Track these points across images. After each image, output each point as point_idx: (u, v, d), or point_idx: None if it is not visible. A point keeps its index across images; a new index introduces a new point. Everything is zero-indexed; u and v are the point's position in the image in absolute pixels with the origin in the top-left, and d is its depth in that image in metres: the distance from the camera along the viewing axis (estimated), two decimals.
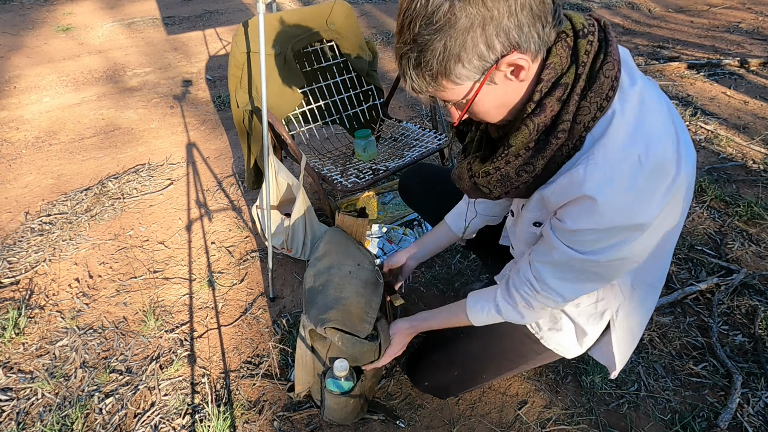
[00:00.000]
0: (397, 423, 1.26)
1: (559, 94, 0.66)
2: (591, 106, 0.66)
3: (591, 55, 0.66)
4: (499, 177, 0.75)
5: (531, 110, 0.68)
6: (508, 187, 0.76)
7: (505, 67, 0.64)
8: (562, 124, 0.67)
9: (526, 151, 0.71)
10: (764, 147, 2.39)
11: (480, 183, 0.79)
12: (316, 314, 1.06)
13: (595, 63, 0.66)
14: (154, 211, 2.07)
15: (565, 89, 0.66)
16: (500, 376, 1.15)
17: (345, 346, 1.05)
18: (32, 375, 1.42)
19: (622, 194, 0.66)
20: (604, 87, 0.66)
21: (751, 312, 1.56)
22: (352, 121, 1.95)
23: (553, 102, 0.66)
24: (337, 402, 1.12)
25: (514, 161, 0.72)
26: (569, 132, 0.67)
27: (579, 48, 0.66)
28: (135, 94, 3.10)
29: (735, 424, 1.26)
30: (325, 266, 1.18)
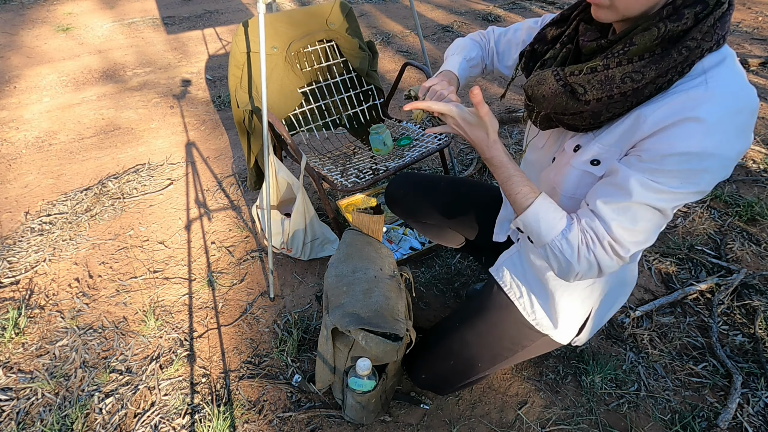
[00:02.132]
0: (420, 406, 1.30)
1: (699, 10, 0.66)
2: (714, 36, 0.67)
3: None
4: (604, 77, 0.71)
5: (667, 14, 0.67)
6: (605, 92, 0.71)
7: None
8: (690, 41, 0.66)
9: (640, 59, 0.69)
10: (764, 147, 2.39)
11: (576, 81, 0.74)
12: (342, 314, 1.07)
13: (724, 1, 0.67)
14: (154, 211, 2.07)
15: (705, 7, 0.66)
16: (496, 365, 1.13)
17: (368, 345, 1.06)
18: (32, 375, 1.42)
19: (731, 122, 0.67)
20: (726, 26, 0.67)
21: (751, 312, 1.56)
22: (352, 121, 1.95)
23: (690, 15, 0.66)
24: (359, 401, 1.13)
25: (625, 65, 0.70)
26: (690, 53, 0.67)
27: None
28: (135, 94, 3.10)
29: (735, 424, 1.26)
30: (348, 269, 1.19)
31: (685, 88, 0.69)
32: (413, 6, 1.81)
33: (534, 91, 0.80)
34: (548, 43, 0.86)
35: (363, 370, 1.06)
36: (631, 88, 0.70)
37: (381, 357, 1.09)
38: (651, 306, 1.56)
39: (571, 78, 0.74)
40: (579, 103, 0.74)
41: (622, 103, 0.72)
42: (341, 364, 1.14)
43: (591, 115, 0.75)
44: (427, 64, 1.94)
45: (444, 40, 3.88)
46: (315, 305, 1.62)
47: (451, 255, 1.81)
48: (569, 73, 0.75)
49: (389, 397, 1.25)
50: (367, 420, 1.23)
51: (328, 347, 1.10)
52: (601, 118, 0.75)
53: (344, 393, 1.17)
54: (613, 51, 0.71)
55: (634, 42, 0.69)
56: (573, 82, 0.74)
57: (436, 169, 2.31)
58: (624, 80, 0.70)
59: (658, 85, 0.69)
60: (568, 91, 0.75)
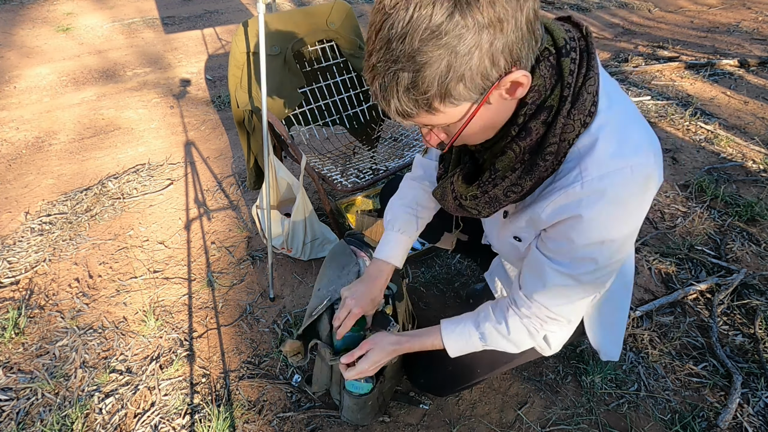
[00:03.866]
0: (420, 406, 1.30)
1: (545, 117, 0.64)
2: (575, 123, 0.64)
3: (575, 75, 0.63)
4: (488, 199, 0.74)
5: (515, 133, 0.66)
6: (496, 207, 0.75)
7: (503, 85, 0.58)
8: (550, 147, 0.65)
9: (512, 172, 0.69)
10: (764, 147, 2.39)
11: (468, 205, 0.78)
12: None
13: (578, 80, 0.64)
14: (154, 211, 2.07)
15: (550, 112, 0.64)
16: (495, 371, 1.14)
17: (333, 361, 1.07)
18: (32, 375, 1.42)
19: (618, 207, 0.66)
20: (587, 103, 0.64)
21: (751, 312, 1.56)
22: (352, 121, 1.95)
23: (538, 125, 0.64)
24: (356, 403, 1.13)
25: (501, 183, 0.71)
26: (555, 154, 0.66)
27: (563, 68, 0.63)
28: (135, 94, 3.10)
29: (735, 424, 1.26)
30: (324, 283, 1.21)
31: (563, 184, 0.68)
32: None
33: (442, 204, 0.86)
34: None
35: None
36: (519, 196, 0.72)
37: None
38: (651, 306, 1.56)
39: (462, 201, 0.78)
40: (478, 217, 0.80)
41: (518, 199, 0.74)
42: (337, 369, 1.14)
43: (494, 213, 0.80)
44: None
45: None
46: None
47: (451, 255, 1.81)
48: (459, 195, 0.79)
49: (387, 399, 1.25)
50: (364, 422, 1.23)
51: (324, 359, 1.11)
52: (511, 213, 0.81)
53: (341, 395, 1.17)
54: (482, 179, 0.73)
55: (497, 168, 0.70)
56: (466, 206, 0.79)
57: None
58: (507, 194, 0.72)
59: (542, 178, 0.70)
60: (465, 211, 0.80)
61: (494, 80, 0.57)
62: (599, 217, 0.67)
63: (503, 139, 0.68)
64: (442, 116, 0.61)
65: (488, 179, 0.72)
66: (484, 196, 0.74)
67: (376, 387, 1.11)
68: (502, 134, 0.68)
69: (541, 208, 0.72)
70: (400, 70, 0.54)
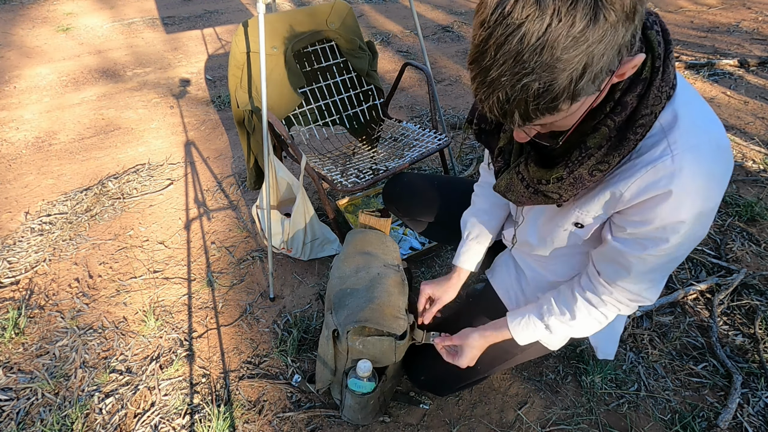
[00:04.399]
0: (420, 406, 1.30)
1: (639, 90, 0.64)
2: (662, 95, 0.64)
3: (662, 47, 0.64)
4: (573, 180, 0.71)
5: (610, 109, 0.65)
6: (579, 189, 0.72)
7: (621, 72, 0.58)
8: (642, 119, 0.64)
9: (598, 150, 0.67)
10: (764, 147, 2.39)
11: (547, 190, 0.74)
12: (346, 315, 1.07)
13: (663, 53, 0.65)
14: (154, 211, 2.07)
15: (644, 84, 0.64)
16: (495, 368, 1.14)
17: (366, 348, 1.06)
18: (32, 375, 1.42)
19: (709, 179, 0.66)
20: (671, 75, 0.65)
21: (751, 312, 1.56)
22: (352, 121, 1.95)
23: (633, 98, 0.64)
24: (358, 402, 1.13)
25: (587, 161, 0.69)
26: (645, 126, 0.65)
27: (651, 40, 0.64)
28: (135, 94, 3.10)
29: (735, 424, 1.26)
30: (351, 269, 1.19)
31: (650, 159, 0.67)
32: (413, 6, 1.81)
33: (507, 197, 0.84)
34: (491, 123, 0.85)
35: (363, 371, 1.06)
36: (603, 174, 0.70)
37: (379, 358, 1.09)
38: (651, 306, 1.56)
39: (541, 186, 0.75)
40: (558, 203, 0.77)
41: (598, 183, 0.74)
42: (341, 365, 1.14)
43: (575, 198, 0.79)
44: (426, 64, 1.94)
45: (444, 40, 3.88)
46: (315, 305, 1.62)
47: (451, 255, 1.81)
48: (536, 181, 0.76)
49: (388, 398, 1.25)
50: (365, 421, 1.23)
51: (329, 348, 1.10)
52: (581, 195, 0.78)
53: (343, 393, 1.16)
54: (571, 158, 0.71)
55: (589, 146, 0.68)
56: (544, 190, 0.75)
57: (436, 169, 2.31)
58: (593, 174, 0.70)
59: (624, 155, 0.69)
60: (542, 195, 0.77)
61: (614, 69, 0.56)
62: (690, 191, 0.66)
63: (595, 117, 0.66)
64: (562, 114, 0.59)
65: (577, 158, 0.69)
66: (570, 176, 0.71)
67: (378, 386, 1.11)
68: (593, 114, 0.66)
69: (624, 187, 0.70)
70: (533, 81, 0.52)
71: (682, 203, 0.66)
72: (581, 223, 0.82)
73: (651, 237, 0.72)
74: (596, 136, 0.67)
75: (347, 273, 1.18)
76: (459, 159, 2.38)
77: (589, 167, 0.69)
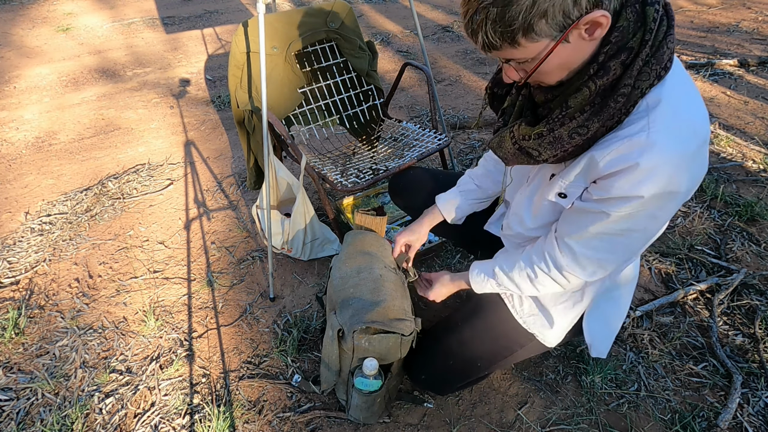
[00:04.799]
0: (424, 405, 1.31)
1: (624, 58, 0.67)
2: (651, 72, 0.67)
3: (657, 24, 0.67)
4: (552, 139, 0.75)
5: (594, 72, 0.68)
6: (558, 150, 0.76)
7: (583, 24, 0.63)
8: (623, 89, 0.67)
9: (581, 113, 0.71)
10: (764, 147, 2.39)
11: (528, 146, 0.78)
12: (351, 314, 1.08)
13: (660, 32, 0.67)
14: (154, 211, 2.07)
15: (630, 53, 0.67)
16: (495, 364, 1.15)
17: (372, 345, 1.07)
18: (32, 375, 1.42)
19: (678, 161, 0.68)
20: (665, 57, 0.68)
21: (751, 312, 1.56)
22: (352, 121, 1.95)
23: (617, 65, 0.67)
24: (365, 401, 1.14)
25: (568, 123, 0.72)
26: (627, 97, 0.68)
27: (647, 15, 0.67)
28: (135, 94, 3.10)
29: (735, 424, 1.26)
30: (353, 270, 1.19)
31: (629, 133, 0.70)
32: (413, 6, 1.81)
33: (497, 153, 0.88)
34: (505, 86, 0.89)
35: (370, 370, 1.06)
36: (581, 140, 0.73)
37: (385, 355, 1.09)
38: (651, 306, 1.56)
39: (524, 143, 0.79)
40: (538, 161, 0.81)
41: (579, 149, 0.76)
42: (347, 365, 1.14)
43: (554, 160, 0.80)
44: (427, 64, 1.94)
45: (444, 40, 3.89)
46: (315, 305, 1.62)
47: (451, 255, 1.81)
48: (521, 137, 0.80)
49: (392, 396, 1.25)
50: (371, 420, 1.23)
51: (334, 348, 1.10)
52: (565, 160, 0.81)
53: (348, 393, 1.16)
54: (552, 117, 0.74)
55: (569, 105, 0.72)
56: (526, 147, 0.79)
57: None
58: (572, 136, 0.73)
59: (607, 126, 0.72)
60: (524, 153, 0.81)
61: (575, 18, 0.63)
62: (655, 168, 0.68)
63: (580, 78, 0.70)
64: (523, 50, 0.67)
65: (557, 117, 0.73)
66: (550, 135, 0.74)
67: (384, 384, 1.11)
68: (579, 75, 0.71)
69: (600, 156, 0.73)
70: (491, 5, 0.62)
71: (645, 178, 0.69)
72: (564, 192, 0.85)
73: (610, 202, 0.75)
74: (577, 97, 0.70)
75: (349, 273, 1.18)
76: (458, 159, 2.38)
77: (569, 129, 0.73)
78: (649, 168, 0.68)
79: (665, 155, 0.68)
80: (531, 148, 0.78)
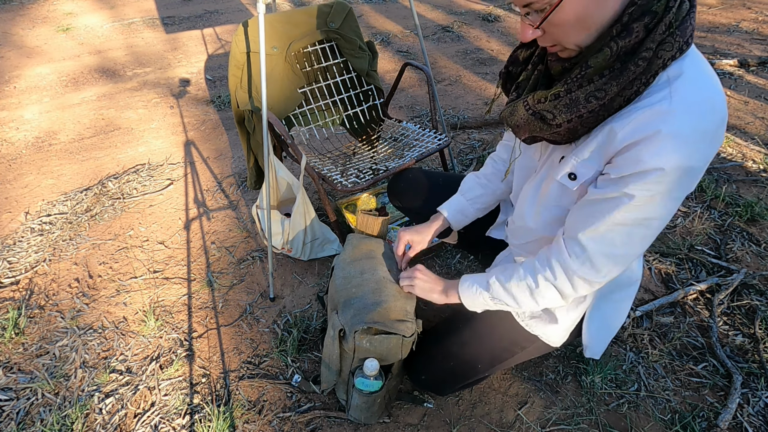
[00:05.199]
0: (424, 405, 1.31)
1: (647, 21, 0.66)
2: (674, 44, 0.67)
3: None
4: (568, 101, 0.73)
5: (617, 33, 0.68)
6: (573, 114, 0.73)
7: None
8: (645, 52, 0.67)
9: (600, 77, 0.70)
10: (764, 147, 2.39)
11: (544, 108, 0.76)
12: (353, 315, 1.08)
13: (683, 6, 0.67)
14: (154, 211, 2.07)
15: (653, 17, 0.66)
16: (496, 366, 1.14)
17: (373, 345, 1.06)
18: (32, 375, 1.42)
19: (700, 133, 0.67)
20: (688, 31, 0.67)
21: (751, 312, 1.56)
22: (352, 121, 1.95)
23: (640, 27, 0.66)
24: (365, 401, 1.14)
25: (586, 86, 0.71)
26: (648, 63, 0.67)
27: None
28: (135, 94, 3.10)
29: (735, 424, 1.26)
30: (356, 271, 1.19)
31: (650, 102, 0.69)
32: (413, 6, 1.81)
33: (509, 121, 0.85)
34: (521, 64, 0.88)
35: (371, 370, 1.06)
36: (597, 105, 0.72)
37: (386, 356, 1.09)
38: (651, 306, 1.56)
39: (539, 106, 0.77)
40: (551, 126, 0.78)
41: (594, 117, 0.74)
42: (347, 365, 1.14)
43: (567, 132, 0.78)
44: (427, 64, 1.94)
45: (444, 40, 3.88)
46: (315, 305, 1.62)
47: (451, 255, 1.81)
48: (536, 101, 0.78)
49: (392, 396, 1.26)
50: (371, 420, 1.23)
51: (335, 348, 1.10)
52: (578, 133, 0.78)
53: (349, 393, 1.16)
54: (571, 76, 0.73)
55: (590, 65, 0.71)
56: (541, 110, 0.77)
57: (435, 169, 2.31)
58: (588, 99, 0.71)
59: (625, 96, 0.71)
60: (539, 117, 0.78)
61: None
62: (677, 136, 0.67)
63: (601, 41, 0.69)
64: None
65: (576, 77, 0.72)
66: (567, 96, 0.73)
67: (385, 384, 1.11)
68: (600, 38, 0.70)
69: (620, 126, 0.71)
70: None
71: (666, 146, 0.67)
72: (574, 173, 0.81)
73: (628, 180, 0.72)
74: (598, 57, 0.69)
75: (352, 274, 1.18)
76: (458, 159, 2.38)
77: (586, 92, 0.71)
78: (672, 135, 0.66)
79: (688, 124, 0.66)
80: (546, 110, 0.76)
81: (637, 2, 0.66)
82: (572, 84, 0.72)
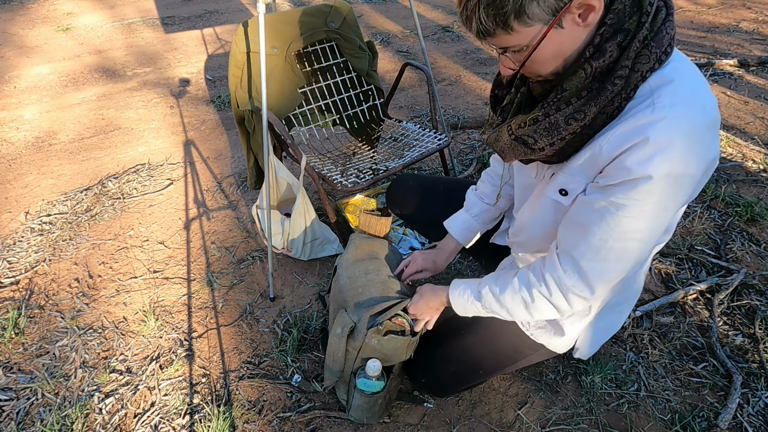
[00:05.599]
0: (424, 405, 1.31)
1: (620, 39, 0.66)
2: (651, 55, 0.66)
3: (654, 8, 0.66)
4: (548, 125, 0.72)
5: (590, 54, 0.67)
6: (555, 137, 0.73)
7: (575, 9, 0.63)
8: (620, 70, 0.66)
9: (577, 99, 0.69)
10: (764, 147, 2.39)
11: (524, 133, 0.76)
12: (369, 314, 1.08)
13: (658, 16, 0.67)
14: (154, 211, 2.07)
15: (626, 35, 0.66)
16: (497, 372, 1.14)
17: (381, 345, 1.07)
18: (32, 375, 1.42)
19: (688, 138, 0.65)
20: (665, 41, 0.66)
21: (751, 312, 1.56)
22: (352, 121, 1.95)
23: (613, 46, 0.66)
24: (367, 402, 1.14)
25: (564, 108, 0.70)
26: (626, 81, 0.67)
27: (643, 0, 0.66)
28: (135, 94, 3.10)
29: (735, 424, 1.26)
30: (360, 271, 1.20)
31: (634, 114, 0.68)
32: (413, 6, 1.81)
33: (494, 147, 0.85)
34: (505, 87, 0.87)
35: (373, 371, 1.06)
36: (579, 127, 0.71)
37: (390, 356, 1.09)
38: (651, 306, 1.56)
39: (519, 131, 0.77)
40: (534, 151, 0.77)
41: (579, 137, 0.73)
42: (350, 365, 1.14)
43: (555, 153, 0.78)
44: (427, 64, 1.94)
45: (444, 40, 3.88)
46: (315, 305, 1.62)
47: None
48: (516, 126, 0.77)
49: (393, 396, 1.26)
50: (372, 420, 1.23)
51: (341, 346, 1.10)
52: (566, 153, 0.77)
53: (350, 394, 1.17)
54: (548, 100, 0.73)
55: (565, 88, 0.70)
56: (522, 135, 0.77)
57: (435, 169, 2.31)
58: (568, 122, 0.71)
59: (608, 113, 0.70)
60: (521, 142, 0.78)
61: (567, 1, 0.62)
62: (665, 142, 0.65)
63: (576, 63, 0.69)
64: (517, 36, 0.67)
65: (553, 101, 0.72)
66: (545, 120, 0.72)
67: (386, 385, 1.12)
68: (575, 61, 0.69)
69: (605, 140, 0.70)
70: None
71: (654, 153, 0.65)
72: (565, 189, 0.81)
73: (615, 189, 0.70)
74: (573, 79, 0.69)
75: (356, 274, 1.19)
76: (458, 159, 2.38)
77: (565, 115, 0.70)
78: (659, 141, 0.64)
79: (675, 129, 0.64)
80: (526, 135, 0.75)
81: (607, 22, 0.65)
82: (549, 108, 0.72)
